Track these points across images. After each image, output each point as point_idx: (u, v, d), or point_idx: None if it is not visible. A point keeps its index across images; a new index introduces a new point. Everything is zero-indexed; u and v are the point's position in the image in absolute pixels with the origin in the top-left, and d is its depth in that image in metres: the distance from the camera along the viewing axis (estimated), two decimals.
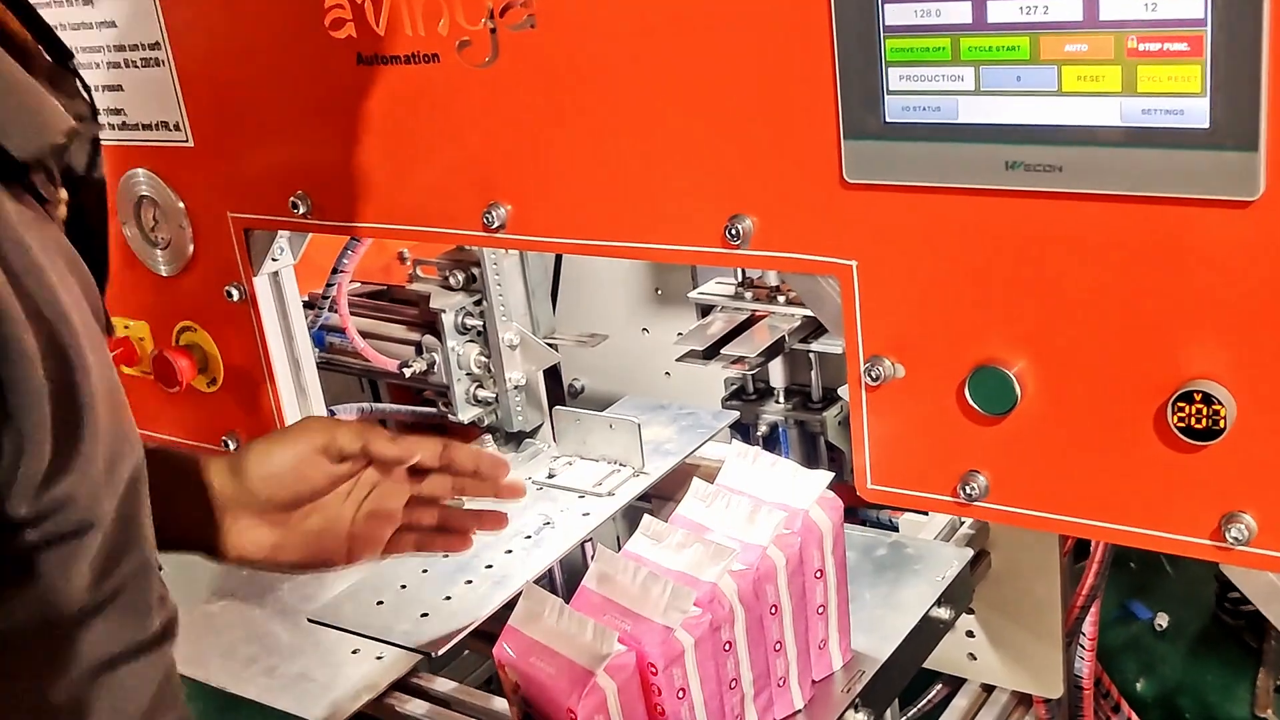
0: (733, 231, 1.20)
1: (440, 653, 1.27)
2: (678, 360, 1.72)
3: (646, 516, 1.29)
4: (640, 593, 1.20)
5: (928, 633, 1.44)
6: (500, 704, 1.45)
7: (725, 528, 1.28)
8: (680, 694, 1.18)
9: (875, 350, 1.18)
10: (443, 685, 1.47)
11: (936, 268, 1.12)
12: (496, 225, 1.34)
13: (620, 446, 1.52)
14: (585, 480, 1.51)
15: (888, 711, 1.42)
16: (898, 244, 1.13)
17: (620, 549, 1.29)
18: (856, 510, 1.88)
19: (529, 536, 1.43)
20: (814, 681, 1.35)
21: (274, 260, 1.61)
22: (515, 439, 1.84)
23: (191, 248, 1.64)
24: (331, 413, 1.83)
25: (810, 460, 1.80)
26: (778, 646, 1.29)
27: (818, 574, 1.32)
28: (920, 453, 1.19)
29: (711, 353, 1.70)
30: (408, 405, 2.01)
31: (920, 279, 1.13)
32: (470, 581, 1.36)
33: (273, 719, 1.42)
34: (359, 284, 2.06)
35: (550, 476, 1.54)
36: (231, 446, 1.71)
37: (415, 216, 1.43)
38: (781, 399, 1.79)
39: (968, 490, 1.16)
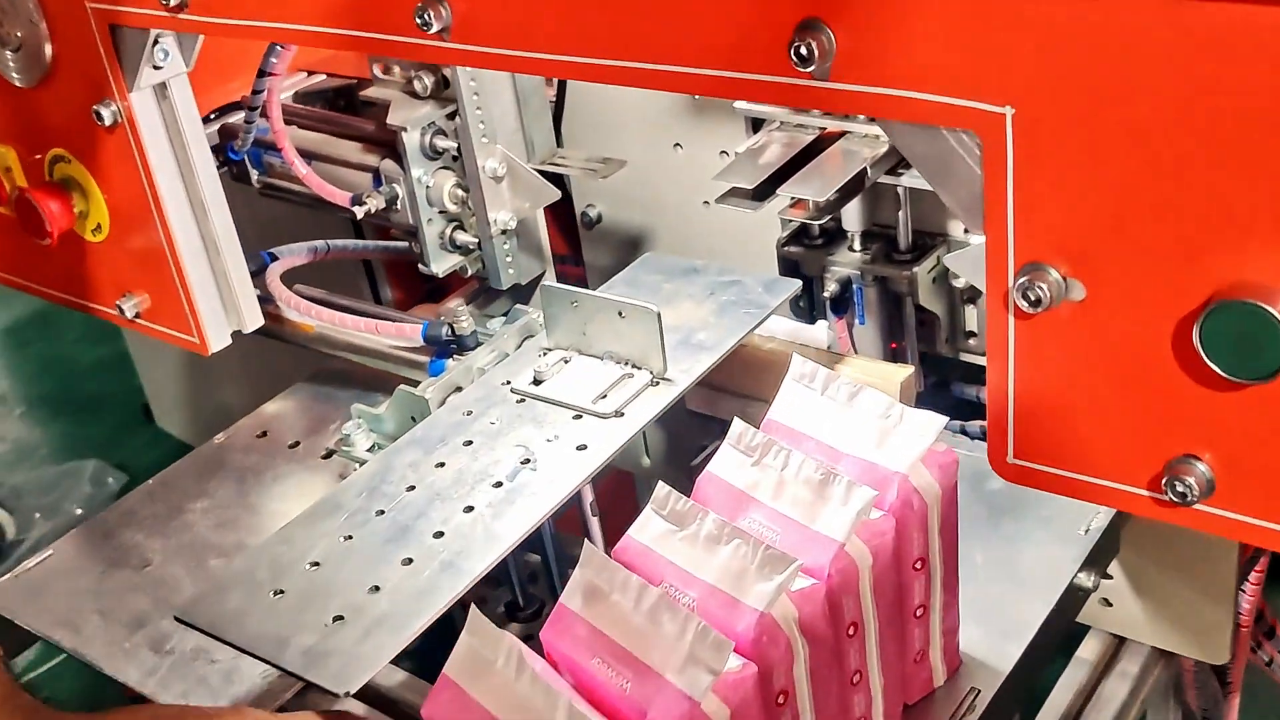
0: (802, 50, 0.70)
1: (351, 693, 0.84)
2: (719, 201, 1.23)
3: (662, 485, 0.83)
4: (649, 625, 0.75)
5: (1065, 612, 1.00)
6: None
7: (779, 503, 0.83)
8: None
9: (1035, 254, 0.69)
10: (389, 677, 1.05)
11: (1154, 119, 0.63)
12: (435, 29, 0.84)
13: (634, 342, 1.05)
14: (584, 390, 1.04)
15: None
16: (1085, 77, 0.63)
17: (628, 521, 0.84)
18: (948, 384, 1.41)
19: (499, 484, 0.98)
20: (907, 709, 0.91)
21: (156, 68, 1.12)
22: (517, 295, 1.37)
23: (49, 49, 1.15)
24: (269, 258, 1.37)
25: (892, 331, 1.32)
26: (856, 678, 0.85)
27: (918, 565, 0.87)
28: (1102, 422, 0.72)
29: (764, 192, 1.20)
30: (377, 241, 1.54)
31: (1123, 138, 0.64)
32: (409, 561, 0.92)
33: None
34: (312, 76, 1.56)
35: (535, 383, 1.08)
36: (129, 312, 1.26)
37: (322, 14, 0.93)
38: (857, 245, 1.30)
39: (1179, 487, 0.69)
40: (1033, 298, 0.69)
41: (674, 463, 1.33)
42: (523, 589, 1.14)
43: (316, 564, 0.91)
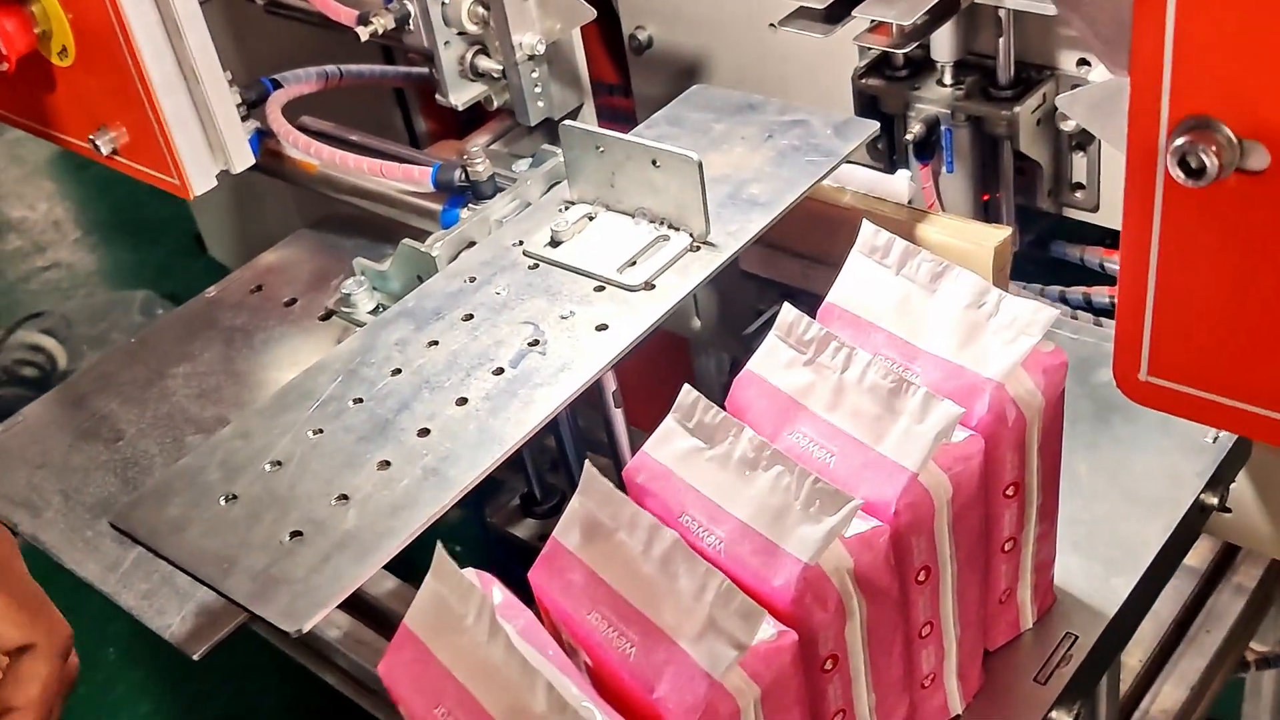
0: None
1: (304, 630, 0.68)
2: (784, 23, 1.01)
3: (688, 390, 0.65)
4: (662, 576, 0.58)
5: (1184, 537, 0.81)
6: None
7: (836, 415, 0.64)
8: None
9: (1201, 105, 0.49)
10: (377, 585, 0.89)
11: None
12: None
13: (671, 197, 0.84)
14: (609, 255, 0.84)
15: (1101, 682, 0.80)
16: None
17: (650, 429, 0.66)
18: (1048, 243, 1.20)
19: (500, 371, 0.78)
20: (987, 655, 0.74)
21: None
22: (552, 133, 1.17)
23: None
24: (271, 85, 1.18)
25: (985, 181, 1.11)
26: (926, 630, 0.67)
27: (1010, 492, 0.68)
28: (1274, 337, 0.52)
29: (838, 12, 0.99)
30: (391, 66, 1.34)
31: None
32: (386, 465, 0.75)
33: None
34: None
35: (552, 244, 0.89)
36: (104, 148, 1.08)
37: None
38: (948, 79, 1.08)
39: None
40: (1193, 164, 0.49)
41: (726, 328, 1.15)
42: (540, 479, 0.97)
43: (278, 464, 0.74)
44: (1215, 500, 0.81)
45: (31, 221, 3.32)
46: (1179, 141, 0.49)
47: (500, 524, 0.97)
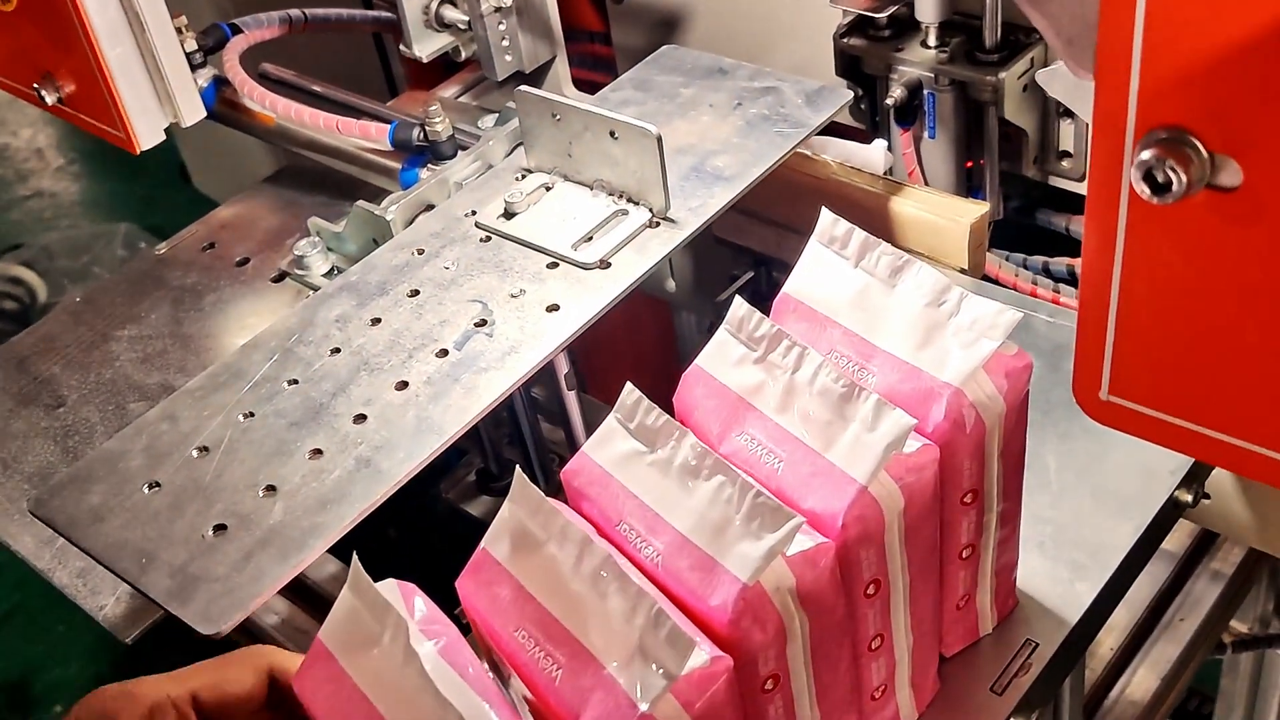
0: None
1: (223, 633, 0.65)
2: None
3: (630, 389, 0.61)
4: (592, 594, 0.55)
5: (1156, 537, 0.78)
6: None
7: (786, 418, 0.61)
8: None
9: (1170, 115, 0.45)
10: (319, 569, 0.86)
11: None
12: None
13: (629, 170, 0.80)
14: (564, 229, 0.79)
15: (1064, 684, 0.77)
16: None
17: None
18: (1033, 211, 1.16)
19: (444, 352, 0.75)
20: (943, 660, 0.71)
21: None
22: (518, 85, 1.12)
23: None
24: (230, 31, 1.13)
25: (970, 147, 1.06)
26: (876, 643, 0.64)
27: (968, 499, 0.65)
28: (1245, 362, 0.48)
29: None
30: (360, 10, 1.28)
31: None
32: (318, 454, 0.71)
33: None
34: None
35: (506, 216, 0.84)
36: (48, 98, 1.04)
37: None
38: (932, 40, 1.03)
39: None
40: (1160, 180, 0.45)
41: (700, 292, 1.11)
42: (496, 454, 0.94)
43: (204, 450, 0.71)
44: (1190, 497, 0.78)
45: (14, 149, 3.26)
46: (1145, 155, 0.45)
47: (455, 500, 0.94)
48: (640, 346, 1.32)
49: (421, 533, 0.92)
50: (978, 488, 0.64)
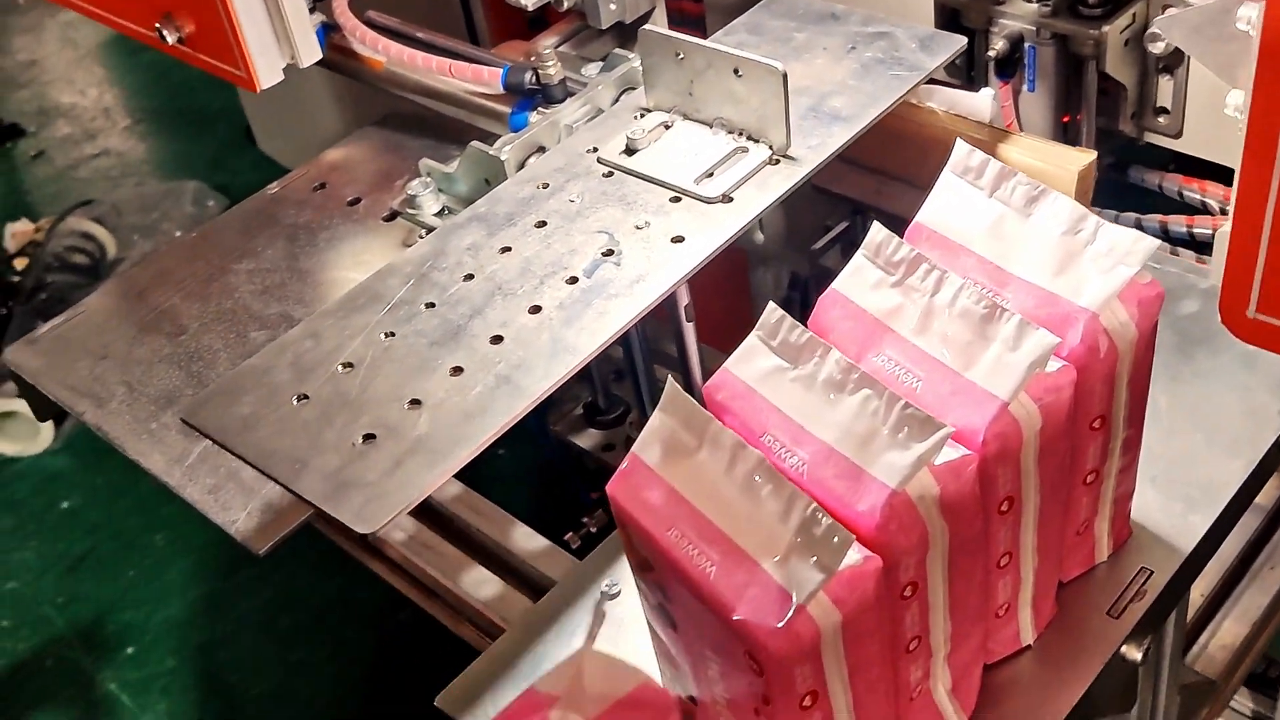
0: None
1: (375, 533, 0.67)
2: None
3: (773, 308, 0.63)
4: (744, 497, 0.57)
5: (1265, 475, 0.79)
6: (524, 535, 0.87)
7: (925, 339, 0.63)
8: (807, 701, 0.57)
9: None
10: (441, 490, 0.89)
11: None
12: None
13: (751, 107, 0.82)
14: (686, 165, 0.82)
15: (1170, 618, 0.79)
16: None
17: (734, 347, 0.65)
18: (1126, 168, 1.17)
19: (573, 280, 0.77)
20: (1061, 587, 0.73)
21: None
22: (624, 37, 1.14)
23: None
24: None
25: (1068, 101, 1.08)
26: (1005, 560, 0.66)
27: (1096, 424, 0.67)
28: None
29: None
30: None
31: None
32: (459, 371, 0.74)
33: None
34: None
35: (628, 152, 0.86)
36: (169, 37, 1.06)
37: None
38: None
39: None
40: None
41: (793, 241, 1.13)
42: (605, 389, 0.97)
43: (349, 366, 0.74)
44: None
45: (82, 108, 3.30)
46: None
47: (563, 433, 0.97)
48: (712, 305, 1.34)
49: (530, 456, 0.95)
50: (1106, 413, 0.66)
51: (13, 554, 2.29)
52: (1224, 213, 1.06)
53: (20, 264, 2.79)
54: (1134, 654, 0.70)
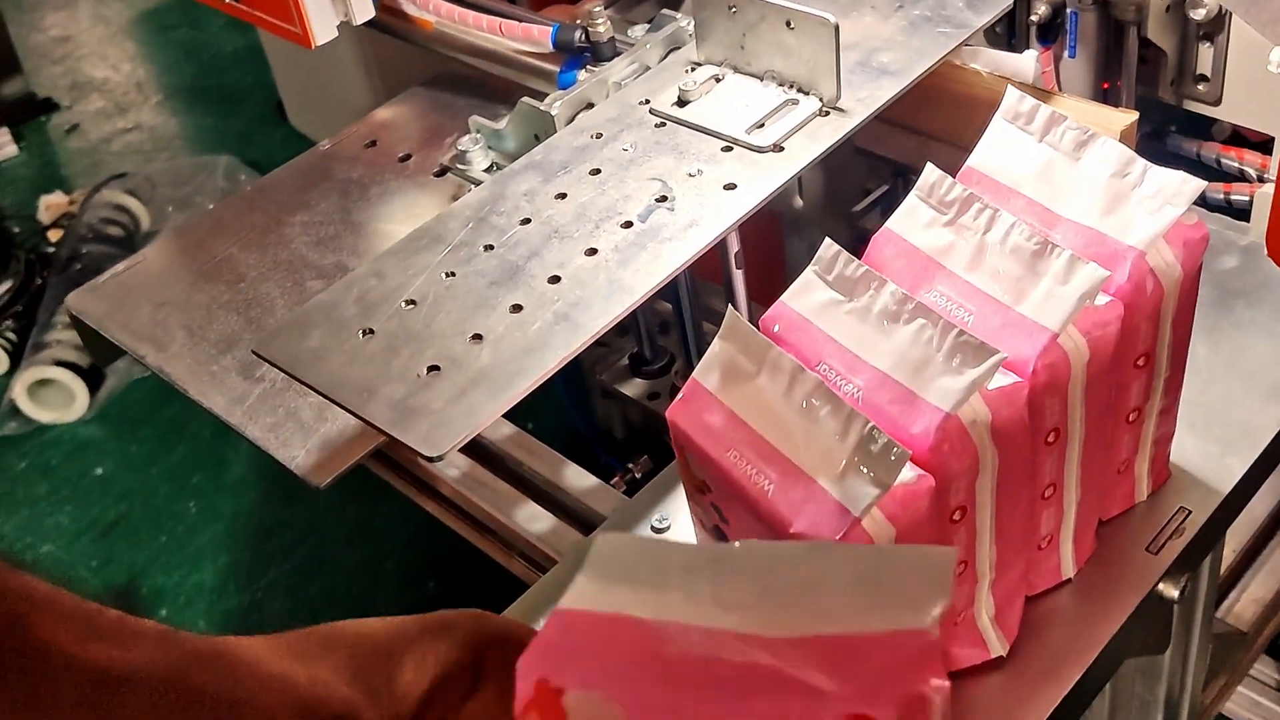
0: None
1: (441, 456, 0.70)
2: None
3: (829, 243, 0.66)
4: (802, 419, 0.59)
5: None
6: (575, 474, 0.90)
7: (976, 275, 0.65)
8: None
9: None
10: (494, 430, 0.92)
11: None
12: None
13: (802, 60, 0.84)
14: (737, 116, 0.84)
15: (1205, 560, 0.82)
16: None
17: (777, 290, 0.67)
18: (1164, 137, 1.19)
19: (628, 224, 0.79)
20: (1101, 525, 0.75)
21: None
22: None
23: None
24: None
25: (1108, 68, 1.10)
26: (1049, 492, 0.69)
27: (1140, 362, 0.69)
28: None
29: None
30: None
31: None
32: (518, 309, 0.76)
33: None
34: None
35: (679, 104, 0.88)
36: None
37: None
38: None
39: None
40: None
41: (832, 206, 1.15)
42: (650, 340, 0.99)
43: (412, 303, 0.77)
44: None
45: (115, 83, 3.34)
46: None
47: (611, 381, 1.00)
48: (749, 275, 1.37)
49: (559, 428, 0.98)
50: (1150, 351, 0.68)
51: (48, 518, 2.33)
52: (1261, 181, 1.08)
53: (55, 235, 2.83)
54: (1171, 591, 0.73)
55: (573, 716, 0.41)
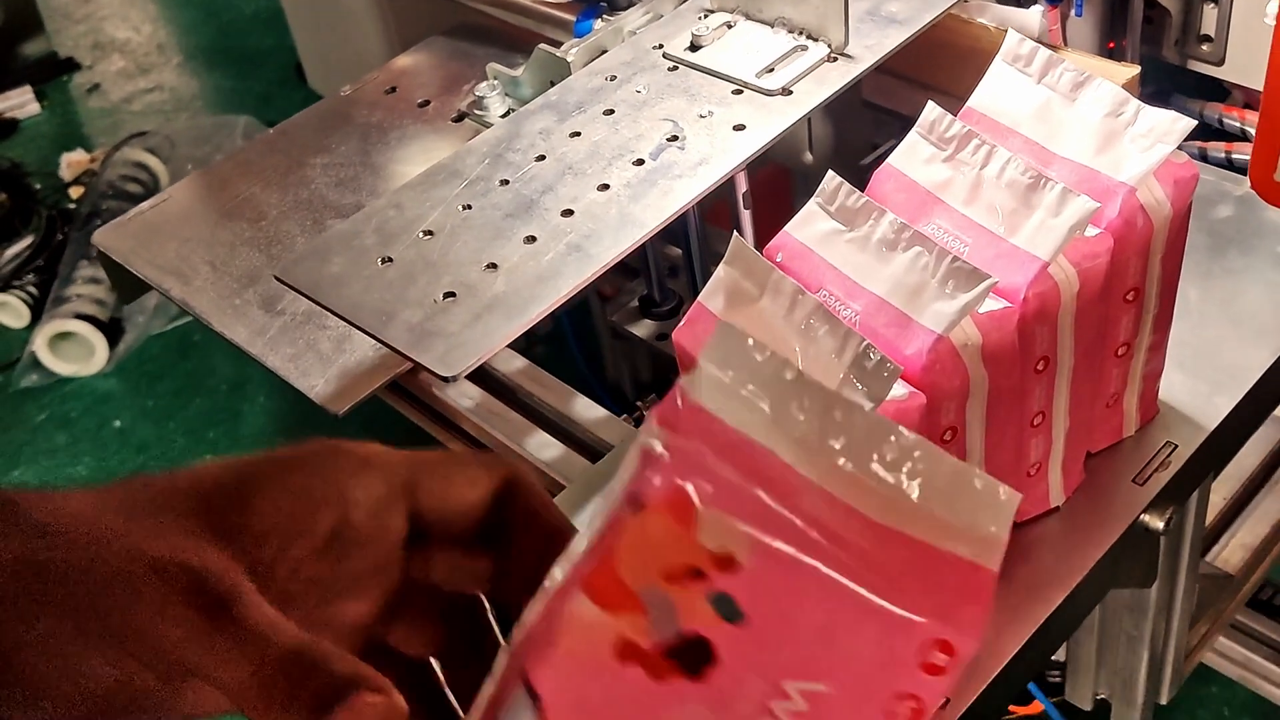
0: None
1: (458, 378, 0.73)
2: None
3: (832, 175, 0.69)
4: (802, 338, 0.62)
5: None
6: (584, 406, 0.93)
7: (973, 208, 0.68)
8: None
9: None
10: (507, 363, 0.95)
11: None
12: None
13: (811, 7, 0.86)
14: (747, 61, 0.87)
15: (1192, 497, 0.85)
16: None
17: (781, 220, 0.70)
18: (1168, 96, 1.21)
19: (640, 162, 0.82)
20: (1089, 457, 0.78)
21: None
22: None
23: None
24: None
25: (1113, 27, 1.12)
26: (1038, 420, 0.71)
27: (1130, 296, 0.72)
28: None
29: None
30: None
31: None
32: (532, 240, 0.79)
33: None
34: None
35: (692, 49, 0.91)
36: None
37: None
38: None
39: None
40: None
41: (841, 160, 1.17)
42: (660, 283, 1.02)
43: (429, 233, 0.80)
44: None
45: (136, 43, 3.37)
46: None
47: (621, 323, 1.03)
48: (757, 230, 1.39)
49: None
50: (1139, 286, 0.71)
51: (66, 469, 2.37)
52: None
53: (75, 192, 2.87)
54: (1156, 523, 0.75)
55: (704, 536, 0.37)
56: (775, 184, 1.30)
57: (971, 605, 0.38)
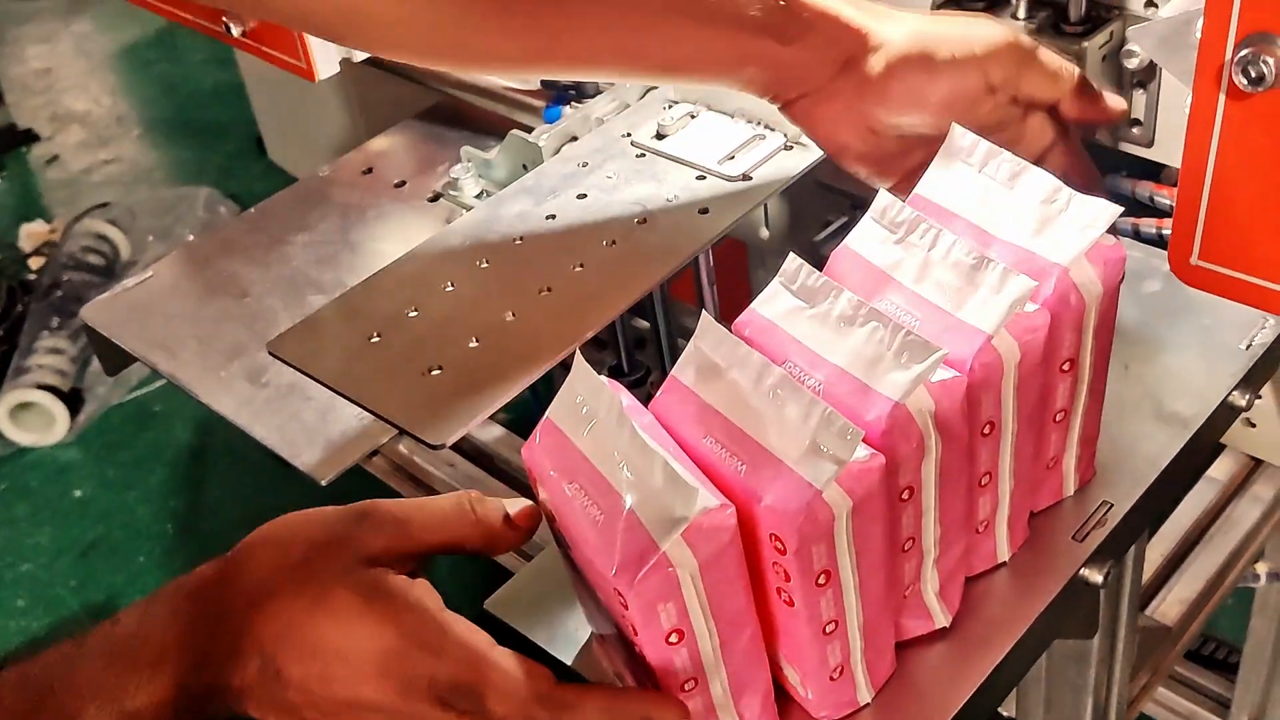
0: None
1: (447, 445, 0.78)
2: None
3: (793, 257, 0.75)
4: (769, 407, 0.68)
5: (1212, 431, 0.91)
6: None
7: (922, 286, 0.74)
8: (822, 579, 0.69)
9: (1261, 23, 0.59)
10: (486, 432, 1.00)
11: None
12: None
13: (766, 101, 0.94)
14: (710, 149, 0.94)
15: (1129, 552, 0.91)
16: None
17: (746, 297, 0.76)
18: (1102, 177, 1.29)
19: (611, 243, 0.90)
20: (1032, 516, 0.84)
21: None
22: None
23: None
24: None
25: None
26: (985, 480, 0.78)
27: (1066, 367, 0.79)
28: None
29: None
30: None
31: None
32: (514, 316, 0.84)
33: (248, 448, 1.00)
34: None
35: (658, 137, 0.99)
36: (234, 29, 1.18)
37: None
38: (1022, 12, 1.17)
39: None
40: (1253, 74, 0.59)
41: (795, 236, 1.24)
42: (628, 354, 1.08)
43: (416, 310, 0.85)
44: (1243, 402, 0.91)
45: (95, 115, 3.41)
46: (1243, 53, 0.59)
47: None
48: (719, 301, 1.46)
49: None
50: (1074, 357, 0.78)
51: (27, 539, 2.38)
52: None
53: (36, 263, 2.89)
54: (1095, 576, 0.81)
55: None
56: (732, 257, 1.37)
57: None
